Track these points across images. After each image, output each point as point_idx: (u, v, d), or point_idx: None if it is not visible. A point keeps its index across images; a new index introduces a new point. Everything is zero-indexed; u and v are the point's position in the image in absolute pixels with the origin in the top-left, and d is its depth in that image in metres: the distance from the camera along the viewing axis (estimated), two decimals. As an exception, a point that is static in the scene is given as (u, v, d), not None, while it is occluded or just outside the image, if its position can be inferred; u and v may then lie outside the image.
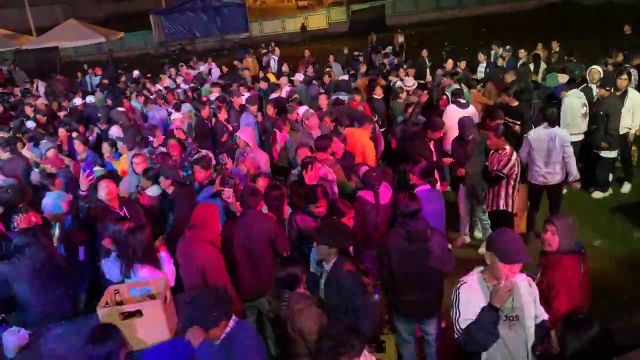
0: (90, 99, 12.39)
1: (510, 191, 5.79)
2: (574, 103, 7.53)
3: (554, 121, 6.32)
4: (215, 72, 16.19)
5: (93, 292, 4.67)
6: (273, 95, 10.41)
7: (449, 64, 11.83)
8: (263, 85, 11.68)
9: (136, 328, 3.48)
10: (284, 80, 11.87)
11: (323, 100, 8.88)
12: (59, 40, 22.82)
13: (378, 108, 9.04)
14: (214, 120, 8.82)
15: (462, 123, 6.48)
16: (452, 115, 7.45)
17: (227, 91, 11.12)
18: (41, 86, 17.22)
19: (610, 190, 7.65)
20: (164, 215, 5.63)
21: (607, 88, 7.48)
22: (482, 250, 6.52)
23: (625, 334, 4.23)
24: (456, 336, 3.19)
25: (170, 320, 3.59)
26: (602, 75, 8.14)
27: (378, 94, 9.26)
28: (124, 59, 26.67)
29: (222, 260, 4.33)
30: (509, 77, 9.49)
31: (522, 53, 12.58)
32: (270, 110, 8.77)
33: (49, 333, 3.75)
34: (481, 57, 12.79)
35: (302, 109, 8.06)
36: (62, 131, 8.90)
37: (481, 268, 3.33)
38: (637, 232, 6.61)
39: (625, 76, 7.50)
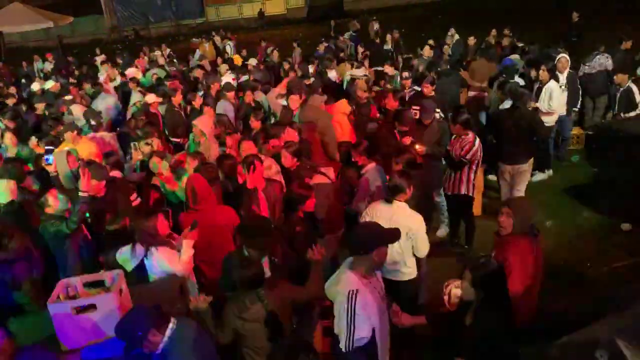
0: (49, 84, 11.86)
1: (472, 176, 5.88)
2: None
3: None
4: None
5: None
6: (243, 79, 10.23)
7: (426, 50, 11.64)
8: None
9: (90, 322, 3.38)
10: (223, 67, 11.61)
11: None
12: (3, 25, 21.67)
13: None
14: (188, 108, 8.49)
15: (423, 106, 6.55)
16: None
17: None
18: None
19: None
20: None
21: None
22: (440, 232, 6.67)
23: (573, 312, 4.42)
24: (343, 350, 3.06)
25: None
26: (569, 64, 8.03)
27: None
28: (74, 45, 25.65)
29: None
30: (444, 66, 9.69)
31: (471, 40, 12.88)
32: (248, 96, 8.42)
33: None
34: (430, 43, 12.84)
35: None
36: None
37: (348, 264, 3.28)
38: (587, 212, 6.87)
39: (543, 67, 7.64)
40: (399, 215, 4.29)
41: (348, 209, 5.39)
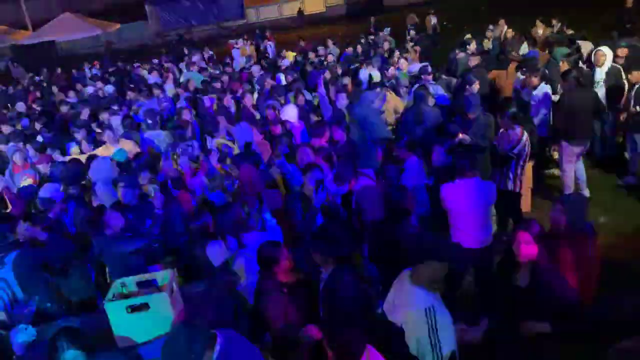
0: (108, 88, 12.62)
1: (519, 172, 5.70)
2: None
3: None
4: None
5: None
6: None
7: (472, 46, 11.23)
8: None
9: (143, 321, 3.49)
10: (255, 69, 11.91)
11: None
12: (55, 34, 22.67)
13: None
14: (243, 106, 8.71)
15: (467, 100, 6.47)
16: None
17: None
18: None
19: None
20: None
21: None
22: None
23: (632, 311, 4.23)
24: None
25: (177, 312, 3.59)
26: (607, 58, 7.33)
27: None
28: (122, 51, 26.49)
29: None
30: (474, 61, 9.38)
31: (509, 32, 12.63)
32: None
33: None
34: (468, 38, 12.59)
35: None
36: None
37: (407, 278, 3.08)
38: (642, 207, 6.58)
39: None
40: (472, 190, 4.47)
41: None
